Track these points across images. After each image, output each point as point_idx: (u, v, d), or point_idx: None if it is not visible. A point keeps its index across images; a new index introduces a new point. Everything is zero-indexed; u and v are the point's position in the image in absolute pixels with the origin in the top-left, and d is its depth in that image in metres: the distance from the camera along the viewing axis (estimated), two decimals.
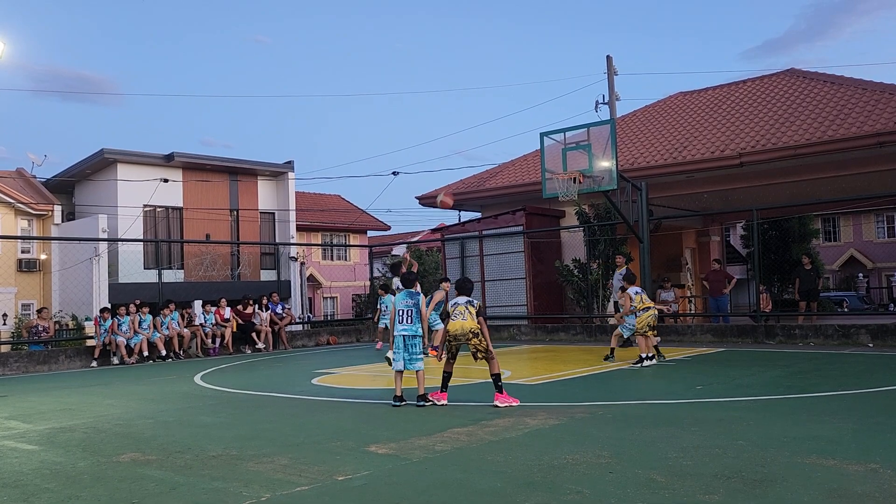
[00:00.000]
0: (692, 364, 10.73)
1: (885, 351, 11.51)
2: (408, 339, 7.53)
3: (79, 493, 4.51)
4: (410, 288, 7.82)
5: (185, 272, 24.83)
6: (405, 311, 7.58)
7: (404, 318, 7.57)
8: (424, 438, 5.72)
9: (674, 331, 14.84)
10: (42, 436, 6.63)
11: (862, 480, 4.10)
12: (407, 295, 7.70)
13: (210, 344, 16.15)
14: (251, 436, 6.20)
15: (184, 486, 4.57)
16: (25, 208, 24.67)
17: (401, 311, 7.60)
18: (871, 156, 14.92)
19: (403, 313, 7.58)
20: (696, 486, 4.08)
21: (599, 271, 17.18)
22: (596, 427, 5.99)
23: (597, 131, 13.95)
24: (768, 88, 19.33)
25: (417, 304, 7.63)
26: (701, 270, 22.26)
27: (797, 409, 6.55)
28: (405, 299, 7.66)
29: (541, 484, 4.27)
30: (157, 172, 24.65)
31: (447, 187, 21.82)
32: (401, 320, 7.57)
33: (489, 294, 18.82)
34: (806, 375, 8.94)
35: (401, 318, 7.58)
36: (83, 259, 22.28)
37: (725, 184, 16.93)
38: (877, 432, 5.42)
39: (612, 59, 23.77)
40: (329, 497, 4.21)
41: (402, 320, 7.57)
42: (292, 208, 28.01)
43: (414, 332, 7.54)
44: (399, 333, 7.55)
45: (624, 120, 21.32)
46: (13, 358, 13.84)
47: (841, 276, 40.26)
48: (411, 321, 7.55)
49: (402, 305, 7.62)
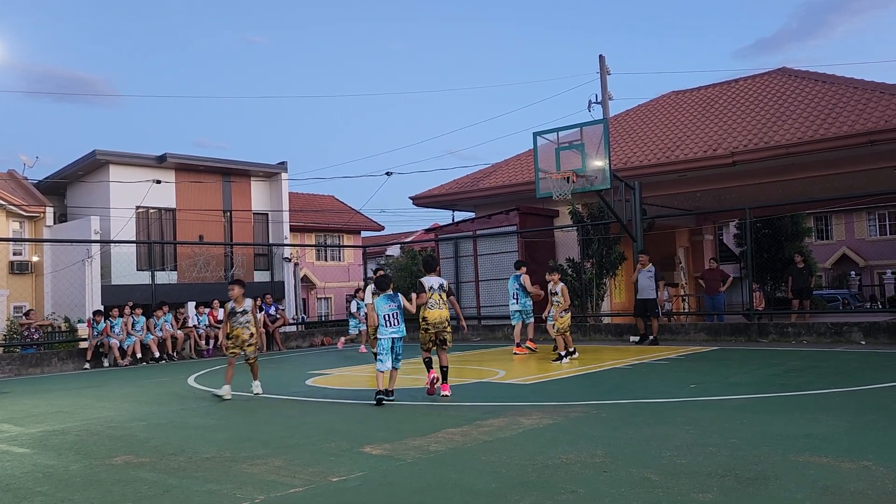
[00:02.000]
0: (686, 363, 10.76)
1: (878, 348, 11.56)
2: (396, 340, 7.73)
3: (71, 496, 4.48)
4: (387, 291, 7.87)
5: (178, 274, 24.74)
6: (390, 314, 7.69)
7: (390, 321, 7.68)
8: (419, 439, 5.71)
9: (668, 329, 14.88)
10: (34, 439, 6.59)
11: (855, 478, 4.11)
12: (387, 299, 7.78)
13: (204, 346, 16.11)
14: (245, 437, 6.18)
15: (177, 489, 4.55)
16: (17, 210, 24.53)
17: (386, 315, 7.68)
18: (862, 154, 14.97)
19: (389, 317, 7.68)
20: (691, 485, 4.09)
21: (593, 270, 17.20)
22: (590, 426, 5.99)
23: (590, 131, 13.98)
24: (760, 87, 19.39)
25: (400, 305, 7.77)
26: (695, 269, 22.32)
27: (790, 408, 6.57)
28: (387, 303, 7.74)
29: (535, 484, 4.27)
30: (150, 174, 24.55)
31: (439, 187, 21.83)
32: (387, 324, 7.67)
33: (483, 294, 18.81)
34: (799, 373, 8.97)
35: (387, 322, 7.67)
36: (76, 261, 22.16)
37: (718, 183, 16.98)
38: (870, 430, 5.44)
39: (604, 59, 23.84)
40: (323, 498, 4.20)
41: (389, 324, 7.67)
42: (286, 209, 27.94)
43: (402, 333, 7.76)
44: (388, 336, 7.66)
45: (617, 119, 21.36)
46: (5, 360, 13.77)
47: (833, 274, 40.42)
48: (398, 323, 7.72)
49: (385, 310, 7.70)
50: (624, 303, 18.71)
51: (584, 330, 16.11)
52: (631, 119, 21.08)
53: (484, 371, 10.66)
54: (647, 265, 13.85)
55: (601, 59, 23.82)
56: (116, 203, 23.69)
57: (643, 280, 13.86)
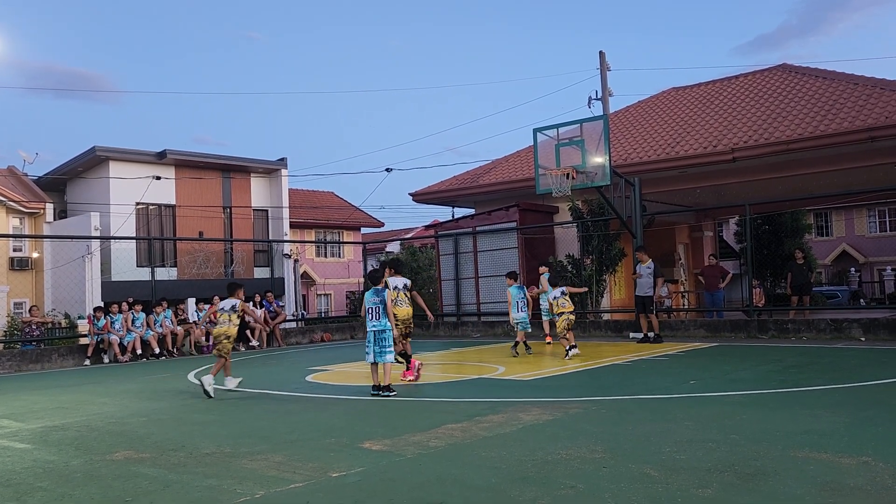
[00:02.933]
0: (685, 359, 10.77)
1: (877, 345, 11.56)
2: (377, 333, 8.05)
3: (72, 492, 4.49)
4: (376, 285, 8.31)
5: (178, 270, 24.73)
6: (373, 308, 8.14)
7: (372, 314, 8.11)
8: (418, 434, 5.72)
9: (667, 326, 14.88)
10: (35, 434, 6.60)
11: (854, 473, 4.12)
12: (373, 293, 8.22)
13: (204, 342, 16.11)
14: (245, 433, 6.19)
15: (177, 484, 4.56)
16: (17, 206, 24.52)
17: (369, 308, 8.16)
18: (862, 150, 14.96)
19: (371, 311, 8.13)
20: (690, 481, 4.10)
21: (593, 267, 17.20)
22: (590, 422, 6.00)
23: (590, 127, 13.97)
24: (760, 84, 19.37)
25: (383, 300, 8.14)
26: (694, 266, 22.32)
27: (790, 404, 6.57)
28: (372, 297, 8.21)
29: (535, 479, 4.28)
30: (150, 170, 24.54)
31: (439, 184, 21.82)
32: (370, 317, 8.11)
33: (483, 290, 18.82)
34: (799, 370, 8.98)
35: (370, 315, 8.12)
36: (75, 257, 22.17)
37: (718, 179, 16.97)
38: (869, 426, 5.45)
39: (604, 55, 23.80)
40: (323, 494, 4.21)
41: (371, 317, 8.11)
42: (286, 205, 27.93)
43: (382, 326, 8.07)
44: (370, 329, 8.09)
45: (617, 115, 21.34)
46: (5, 356, 13.78)
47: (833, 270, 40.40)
48: (378, 317, 8.08)
49: (370, 304, 8.18)
50: (624, 299, 18.71)
51: (584, 326, 16.11)
52: (631, 115, 21.07)
53: (484, 367, 10.68)
54: (646, 261, 13.81)
55: (601, 55, 23.78)
56: (116, 199, 23.68)
57: (642, 276, 13.84)
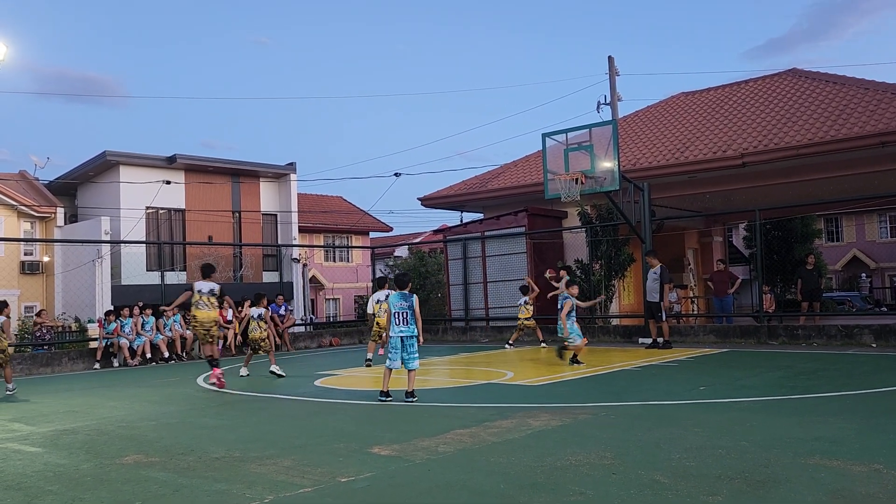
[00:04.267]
0: (695, 365, 10.73)
1: (889, 351, 11.48)
2: (406, 339, 7.73)
3: (82, 496, 4.51)
4: (404, 290, 7.94)
5: (187, 274, 24.82)
6: (400, 313, 7.75)
7: (400, 319, 7.74)
8: (427, 440, 5.72)
9: (677, 331, 14.82)
10: (45, 438, 6.64)
11: (866, 481, 4.09)
12: (401, 297, 7.84)
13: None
14: (254, 438, 6.20)
15: (187, 488, 4.57)
16: (28, 210, 24.71)
17: (396, 313, 7.75)
18: (873, 156, 14.88)
19: (399, 315, 7.74)
20: (700, 487, 4.08)
21: (602, 272, 17.16)
22: (599, 428, 5.98)
23: (599, 132, 13.95)
24: (770, 88, 19.30)
25: (412, 305, 7.80)
26: (704, 271, 22.23)
27: (800, 410, 6.54)
28: (399, 301, 7.80)
29: (544, 485, 4.27)
30: (160, 174, 24.66)
31: (448, 188, 21.84)
32: (397, 322, 7.73)
33: (491, 295, 18.80)
34: (809, 376, 8.93)
35: (397, 320, 7.74)
36: (86, 261, 22.28)
37: (728, 184, 16.91)
38: (880, 433, 5.41)
39: (613, 60, 23.75)
40: (332, 499, 4.22)
41: (399, 322, 7.73)
42: (294, 210, 28.01)
43: (411, 332, 7.75)
44: (397, 335, 7.71)
45: (626, 120, 21.31)
46: (16, 360, 13.83)
47: (844, 276, 40.16)
48: (407, 323, 7.74)
49: (397, 308, 7.77)
50: (633, 304, 18.66)
51: (593, 331, 16.07)
52: (640, 120, 21.03)
53: (492, 372, 10.66)
54: (655, 266, 13.76)
55: (610, 60, 23.74)
56: (126, 204, 23.81)
57: (648, 282, 13.81)
